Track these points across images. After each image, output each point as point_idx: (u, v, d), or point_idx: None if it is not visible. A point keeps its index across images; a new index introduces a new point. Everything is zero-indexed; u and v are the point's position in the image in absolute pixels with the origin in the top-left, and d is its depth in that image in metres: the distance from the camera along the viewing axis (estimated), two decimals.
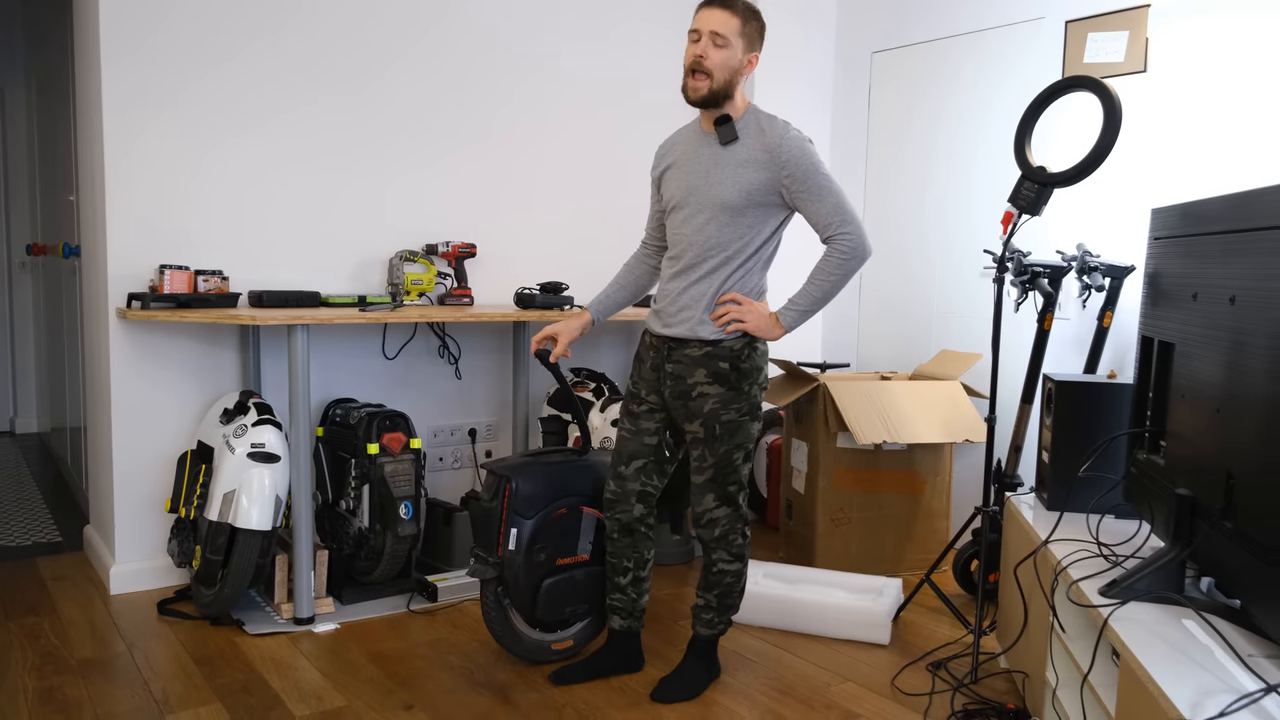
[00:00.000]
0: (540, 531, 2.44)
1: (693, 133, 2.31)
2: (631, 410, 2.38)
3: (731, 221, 2.20)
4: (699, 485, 2.32)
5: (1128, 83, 3.14)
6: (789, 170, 2.17)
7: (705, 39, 2.15)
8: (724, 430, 2.26)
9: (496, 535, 2.41)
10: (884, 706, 2.34)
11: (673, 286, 2.29)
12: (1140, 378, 2.06)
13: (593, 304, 2.48)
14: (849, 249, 2.19)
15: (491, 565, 2.42)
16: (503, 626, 2.47)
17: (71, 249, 3.95)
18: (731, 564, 2.35)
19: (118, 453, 2.97)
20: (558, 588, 2.47)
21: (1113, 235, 3.22)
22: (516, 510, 2.41)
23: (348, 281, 3.32)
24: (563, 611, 2.49)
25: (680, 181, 2.28)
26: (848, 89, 4.06)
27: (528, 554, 2.43)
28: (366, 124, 3.31)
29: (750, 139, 2.20)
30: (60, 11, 4.08)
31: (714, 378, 2.25)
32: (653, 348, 2.35)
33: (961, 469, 3.68)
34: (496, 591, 2.45)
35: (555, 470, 2.49)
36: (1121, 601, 1.78)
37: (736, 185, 2.19)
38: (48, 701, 2.26)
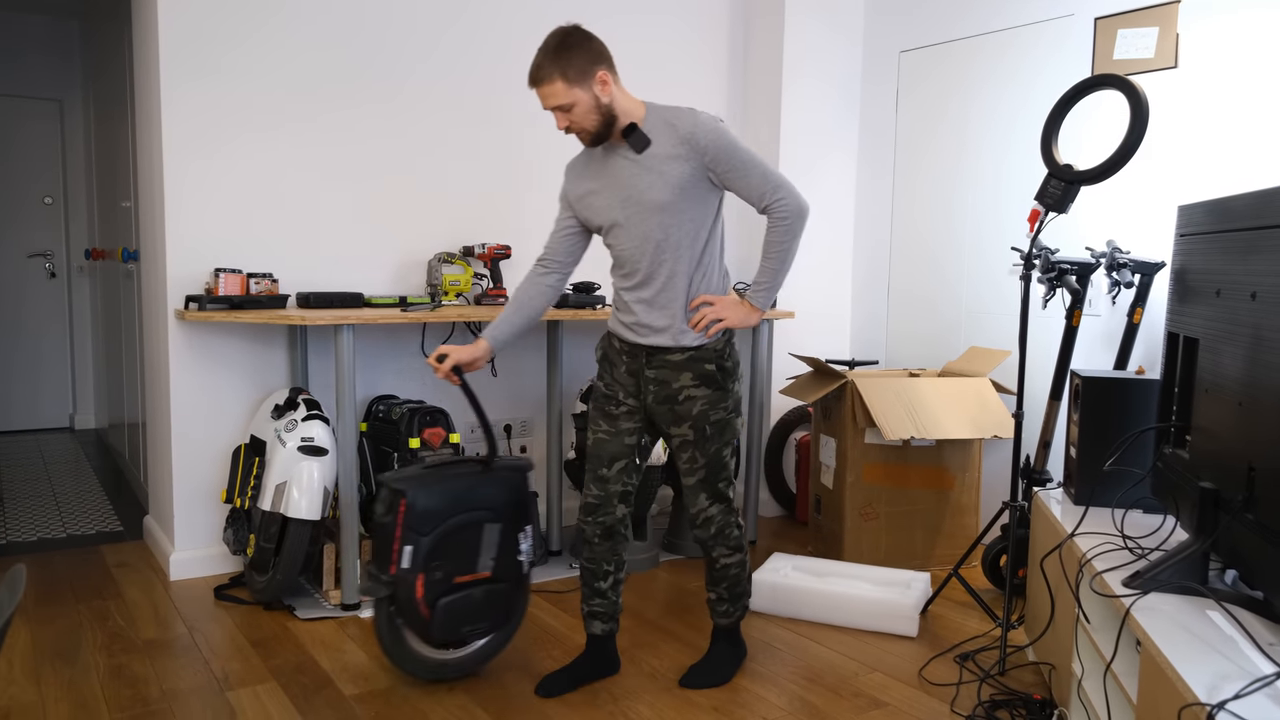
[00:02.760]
0: (437, 548, 2.29)
1: (604, 152, 2.27)
2: (609, 412, 2.34)
3: (672, 220, 2.19)
4: (691, 486, 2.33)
5: (1158, 79, 3.15)
6: (710, 154, 2.16)
7: (555, 114, 2.16)
8: (714, 430, 2.29)
9: (389, 553, 2.26)
10: (911, 696, 2.39)
11: (637, 297, 2.26)
12: (1167, 373, 2.09)
13: (489, 332, 2.32)
14: (788, 212, 2.21)
15: (384, 584, 2.27)
16: (394, 645, 2.33)
17: (130, 253, 4.11)
18: (732, 556, 2.39)
19: (176, 446, 3.11)
20: (455, 607, 2.32)
21: (1144, 232, 3.23)
22: (411, 526, 2.26)
23: (389, 283, 3.44)
24: (459, 631, 2.35)
25: (609, 201, 2.25)
26: (875, 89, 4.10)
27: (424, 572, 2.29)
28: (406, 133, 3.42)
29: (662, 136, 2.18)
30: (119, 28, 4.26)
31: (701, 380, 2.26)
32: (626, 353, 2.32)
33: (990, 465, 3.70)
34: (389, 611, 2.31)
35: (456, 484, 2.33)
36: (1144, 592, 1.82)
37: (666, 183, 2.17)
38: (117, 677, 2.40)
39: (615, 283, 2.33)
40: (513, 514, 2.41)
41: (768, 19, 4.04)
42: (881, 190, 4.11)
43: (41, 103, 5.57)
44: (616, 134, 2.21)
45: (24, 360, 5.67)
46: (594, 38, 2.15)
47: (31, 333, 5.68)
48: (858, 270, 4.23)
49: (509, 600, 2.43)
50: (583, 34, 2.14)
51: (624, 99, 2.20)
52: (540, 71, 2.12)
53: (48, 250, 5.67)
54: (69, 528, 3.70)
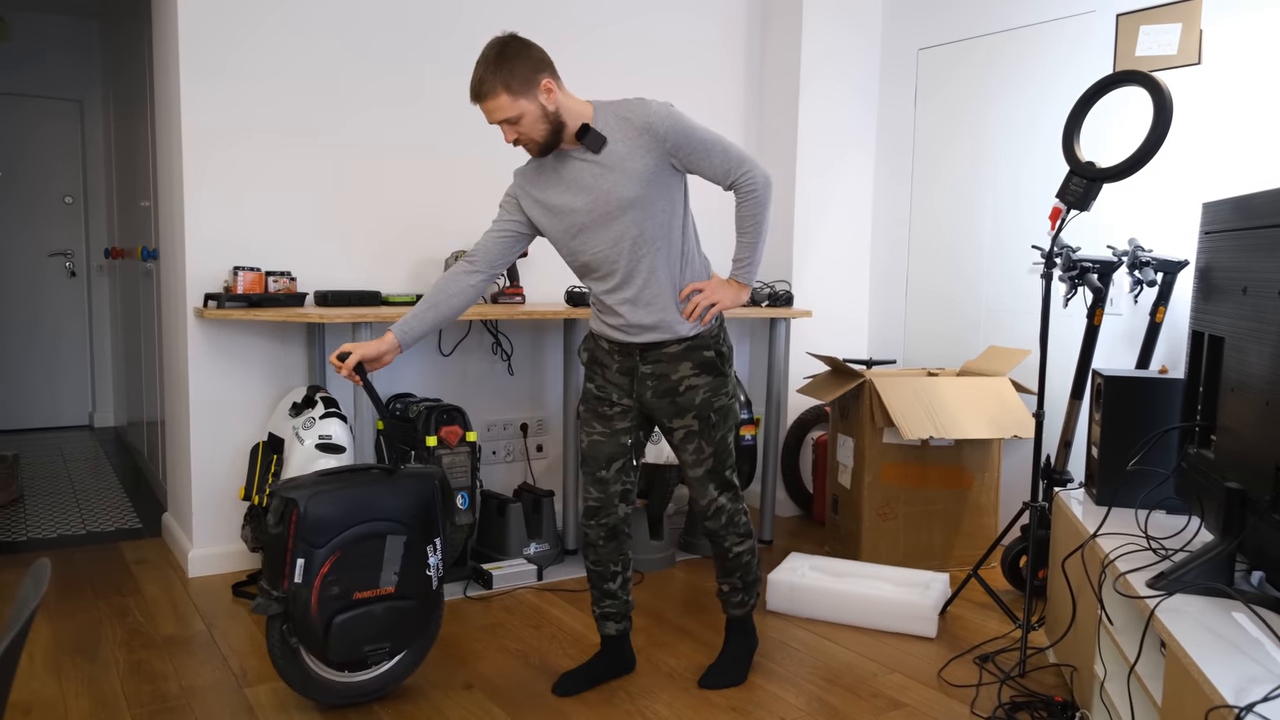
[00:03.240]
0: (336, 562, 2.14)
1: (556, 159, 2.19)
2: (602, 413, 2.31)
3: (645, 214, 2.15)
4: (699, 478, 2.32)
5: (1181, 76, 3.12)
6: (671, 140, 2.12)
7: (501, 127, 2.11)
8: (719, 417, 2.29)
9: (283, 567, 2.11)
10: (930, 697, 2.38)
11: (618, 299, 2.21)
12: (1191, 372, 2.07)
13: (398, 327, 2.21)
14: (754, 185, 2.19)
15: (276, 600, 2.12)
16: (290, 667, 2.18)
17: (149, 252, 4.14)
18: (743, 543, 2.40)
19: (195, 444, 3.13)
20: (352, 624, 2.16)
21: (1166, 230, 3.20)
22: (304, 537, 2.10)
23: (406, 281, 3.45)
24: (359, 651, 2.18)
25: (571, 207, 2.18)
26: (893, 87, 4.08)
27: (322, 588, 2.13)
28: (423, 132, 3.43)
29: (617, 131, 2.13)
30: (138, 27, 4.28)
31: (701, 368, 2.25)
32: (617, 353, 2.29)
33: (1010, 465, 3.68)
34: (282, 629, 2.16)
35: (355, 493, 2.17)
36: (1169, 593, 1.80)
37: (631, 178, 2.13)
38: (137, 673, 2.42)
39: (591, 287, 2.27)
40: (420, 525, 2.25)
41: (785, 19, 4.02)
42: (899, 189, 4.09)
43: (62, 103, 5.62)
44: (569, 138, 2.14)
45: (44, 359, 5.72)
46: (533, 45, 2.09)
47: (51, 331, 5.73)
48: (875, 269, 4.21)
49: (416, 618, 2.25)
50: (521, 42, 2.08)
51: (570, 102, 2.13)
52: (483, 86, 2.06)
53: (68, 249, 5.72)
54: (89, 525, 3.73)
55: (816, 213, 4.05)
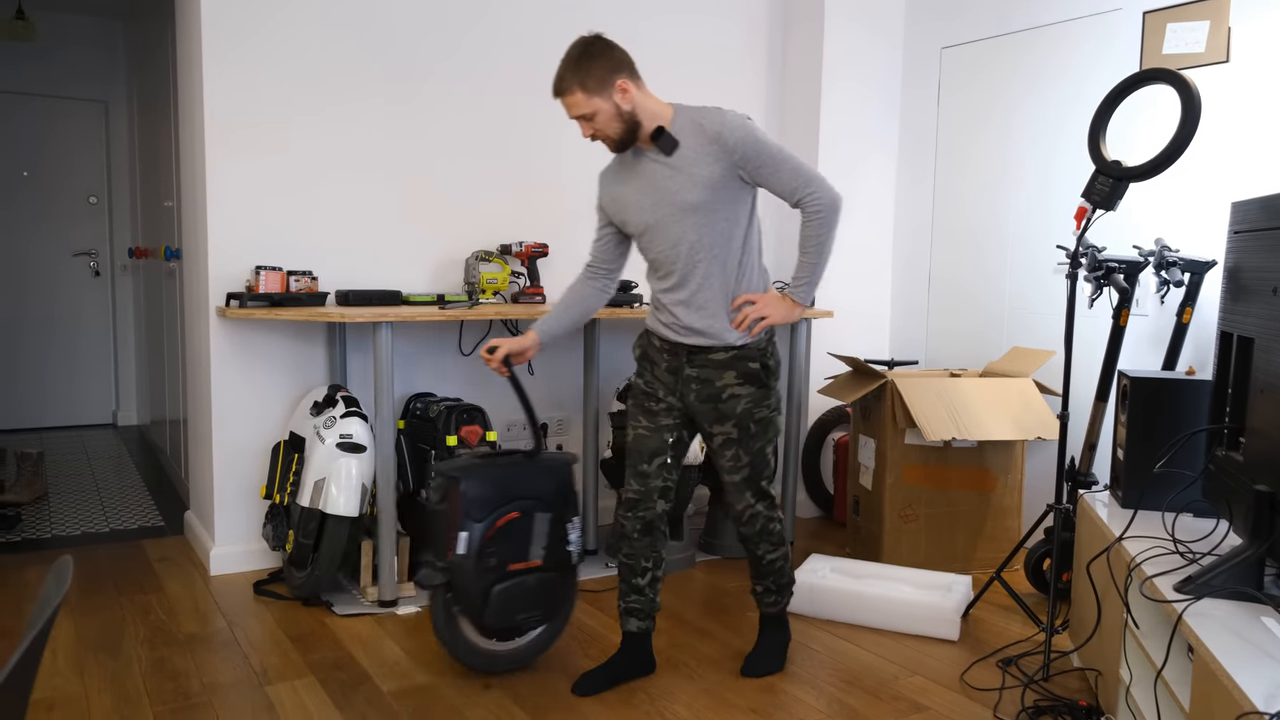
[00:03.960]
0: (491, 535, 2.34)
1: (634, 155, 2.28)
2: (648, 408, 2.36)
3: (706, 221, 2.20)
4: (736, 484, 2.35)
5: (1209, 74, 3.08)
6: (740, 152, 2.16)
7: (578, 123, 2.18)
8: (758, 428, 2.31)
9: (445, 539, 2.31)
10: (953, 700, 2.36)
11: (673, 299, 2.27)
12: (1219, 373, 2.04)
13: (538, 325, 2.37)
14: (821, 205, 2.20)
15: (440, 570, 2.31)
16: (450, 635, 2.36)
17: (172, 252, 4.18)
18: (776, 550, 2.43)
19: (217, 442, 3.15)
20: (509, 593, 2.36)
21: (1193, 230, 3.16)
22: (467, 513, 2.30)
23: (427, 281, 3.46)
24: (513, 618, 2.38)
25: (640, 204, 2.25)
26: (916, 86, 4.05)
27: (478, 558, 2.32)
28: (445, 132, 3.44)
29: (690, 137, 2.19)
30: (162, 28, 4.32)
31: (745, 379, 2.27)
32: (666, 351, 2.33)
33: (1034, 466, 3.64)
34: (445, 598, 2.35)
35: (507, 473, 2.38)
36: (1196, 597, 1.77)
37: (696, 184, 2.18)
38: (159, 670, 2.44)
39: (651, 284, 2.34)
40: (560, 504, 2.45)
41: (807, 24, 4.00)
42: (922, 190, 4.06)
43: (87, 103, 5.68)
44: (644, 138, 2.22)
45: (68, 357, 5.78)
46: (614, 47, 2.17)
47: (76, 330, 5.79)
48: (897, 269, 4.19)
49: (560, 590, 2.46)
50: (603, 44, 2.16)
51: (649, 103, 2.20)
52: (561, 83, 2.16)
53: (92, 249, 5.78)
54: (112, 522, 3.76)
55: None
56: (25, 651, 0.77)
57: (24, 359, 5.66)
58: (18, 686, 0.78)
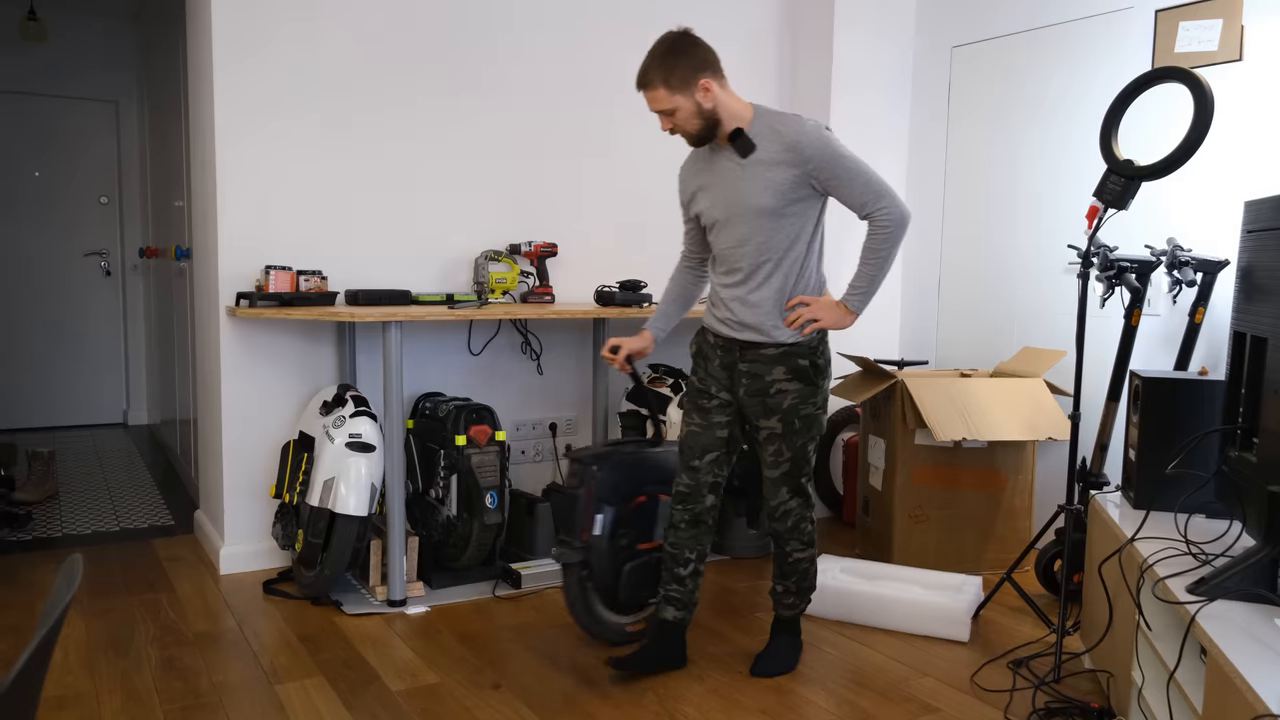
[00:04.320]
0: (622, 517, 2.57)
1: (711, 151, 2.36)
2: (701, 405, 2.43)
3: (773, 224, 2.26)
4: (774, 479, 2.40)
5: (1222, 72, 3.06)
6: (814, 162, 2.21)
7: (659, 117, 2.28)
8: (802, 424, 2.35)
9: (582, 520, 2.51)
10: (963, 702, 2.35)
11: (731, 294, 2.34)
12: (1232, 374, 2.02)
13: (651, 325, 2.55)
14: (889, 221, 2.23)
15: (577, 549, 2.52)
16: (584, 610, 2.57)
17: (183, 252, 4.19)
18: (804, 551, 2.46)
19: (226, 442, 3.16)
20: (639, 571, 2.59)
21: (1206, 229, 3.14)
22: (601, 497, 2.52)
23: (436, 281, 3.46)
24: (642, 594, 2.61)
25: (714, 200, 2.33)
26: (927, 84, 4.03)
27: (611, 538, 2.55)
28: (454, 132, 3.44)
29: (767, 141, 2.24)
30: (174, 29, 4.34)
31: (794, 375, 2.33)
32: (720, 347, 2.40)
33: (1045, 467, 3.62)
34: (580, 575, 2.55)
35: (635, 459, 2.60)
36: (1209, 599, 1.76)
37: (768, 188, 2.24)
38: (169, 669, 2.44)
39: (714, 278, 2.41)
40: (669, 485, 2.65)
41: (817, 23, 3.99)
42: (932, 188, 4.05)
43: (97, 103, 5.70)
44: (722, 136, 2.28)
45: (80, 357, 5.81)
46: (700, 44, 2.22)
47: (87, 330, 5.82)
48: (908, 269, 4.17)
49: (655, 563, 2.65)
50: (690, 40, 2.22)
51: (731, 102, 2.26)
52: (645, 78, 2.23)
53: (103, 249, 5.81)
54: (122, 521, 3.77)
55: (847, 212, 4.01)
56: (35, 649, 0.77)
57: (36, 358, 5.68)
58: (28, 684, 0.78)
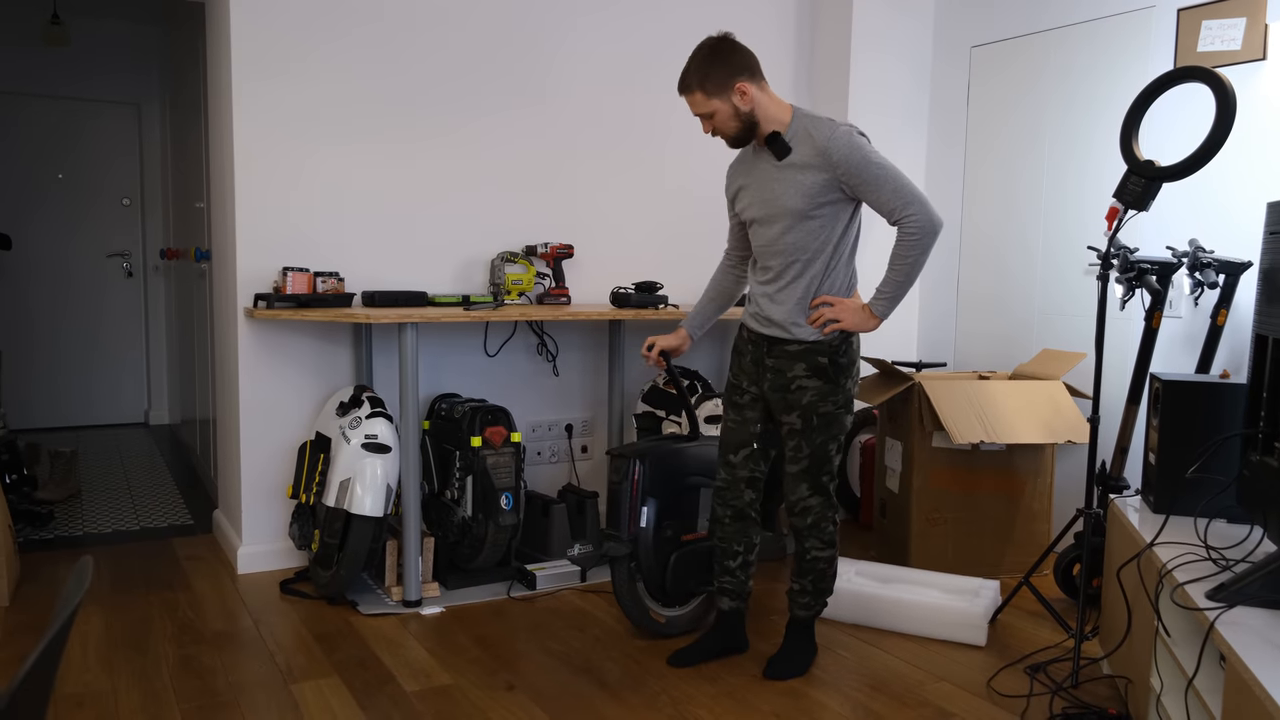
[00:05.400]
0: (667, 509, 2.63)
1: (753, 152, 2.42)
2: (735, 401, 2.49)
3: (803, 225, 2.30)
4: (794, 475, 2.42)
5: (1245, 72, 3.02)
6: (843, 167, 2.24)
7: (700, 119, 2.32)
8: (820, 421, 2.37)
9: (629, 514, 2.57)
10: (979, 707, 2.33)
11: (763, 290, 2.41)
12: (1254, 377, 2.00)
13: (687, 323, 2.60)
14: (918, 228, 2.25)
15: (624, 542, 2.57)
16: (633, 601, 2.61)
17: (202, 253, 4.23)
18: (824, 550, 2.47)
19: (244, 442, 3.18)
20: (685, 561, 2.65)
21: (1228, 230, 3.10)
22: (647, 490, 2.58)
23: (452, 282, 3.47)
24: (689, 584, 2.67)
25: (753, 199, 2.39)
26: (946, 85, 4.01)
27: (657, 530, 2.61)
28: (469, 134, 3.45)
29: (801, 145, 2.29)
30: (195, 33, 4.38)
31: (813, 372, 2.36)
32: (751, 342, 2.46)
33: (1064, 470, 3.59)
34: (630, 567, 2.60)
35: (676, 453, 2.66)
36: (1229, 605, 1.74)
37: (799, 191, 2.28)
38: (186, 667, 2.46)
39: (750, 275, 2.49)
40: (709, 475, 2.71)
41: (835, 23, 3.98)
42: (951, 189, 4.02)
43: (120, 106, 5.76)
44: (760, 138, 2.34)
45: (102, 357, 5.87)
46: (739, 49, 2.28)
47: (109, 330, 5.88)
48: (926, 270, 4.15)
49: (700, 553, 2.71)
50: (729, 46, 2.27)
51: (769, 105, 2.31)
52: (684, 82, 2.30)
53: (125, 250, 5.86)
54: (142, 520, 3.81)
55: (865, 212, 3.99)
56: (45, 648, 0.78)
57: (59, 359, 5.75)
58: (38, 683, 0.79)
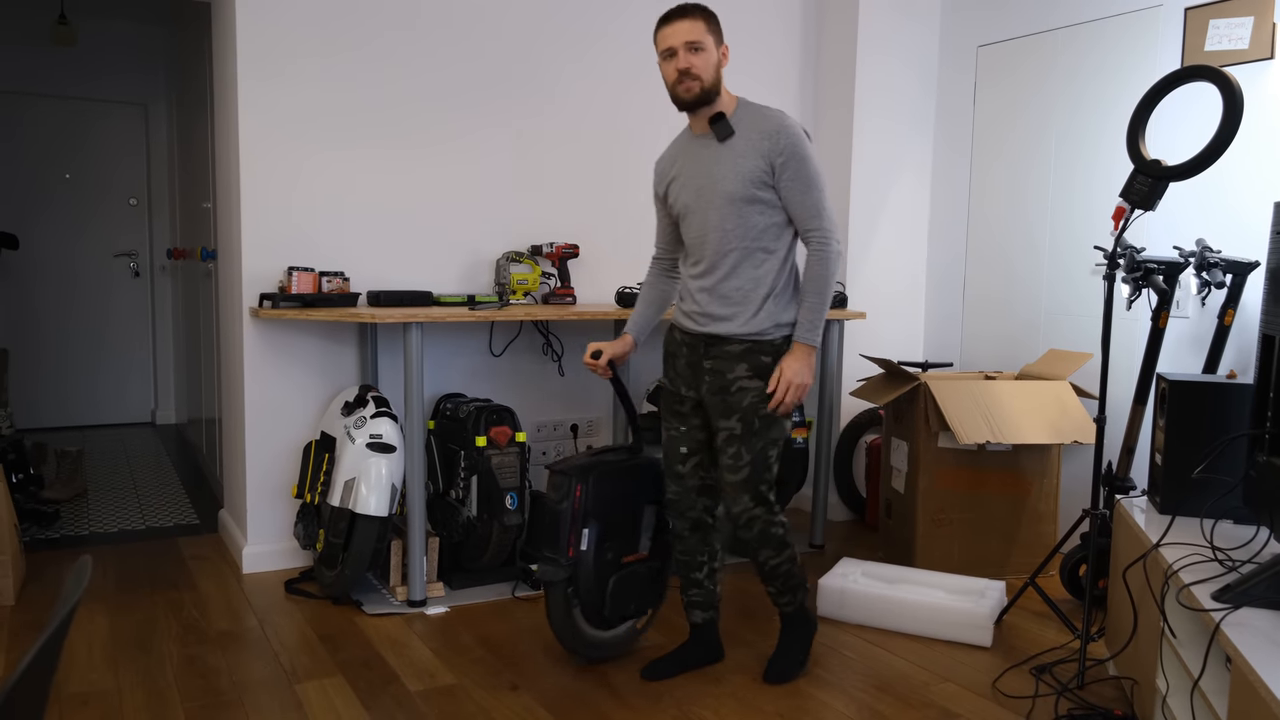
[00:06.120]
0: (608, 529, 2.46)
1: (687, 140, 2.35)
2: (674, 409, 2.40)
3: (741, 212, 2.23)
4: (735, 484, 2.31)
5: (1252, 71, 3.01)
6: (785, 156, 2.20)
7: (682, 50, 2.20)
8: (762, 425, 2.27)
9: (568, 536, 2.39)
10: (984, 708, 2.32)
11: (700, 285, 2.31)
12: (1261, 377, 1.99)
13: (630, 327, 2.49)
14: (826, 246, 2.23)
15: (563, 566, 2.39)
16: (567, 627, 2.44)
17: (208, 253, 4.24)
18: (781, 555, 2.38)
19: (250, 442, 3.19)
20: (624, 584, 2.48)
21: (1235, 230, 3.08)
22: (588, 511, 2.40)
23: (457, 282, 3.47)
24: (629, 608, 2.51)
25: (686, 185, 2.31)
26: (952, 85, 4.00)
27: (598, 553, 2.43)
28: (474, 135, 3.45)
29: (746, 129, 2.24)
30: (201, 33, 4.39)
31: (755, 372, 2.27)
32: (686, 345, 2.36)
33: (1070, 471, 3.58)
34: (566, 592, 2.42)
35: (618, 469, 2.48)
36: (1235, 606, 1.73)
37: (739, 174, 2.22)
38: (190, 667, 2.47)
39: (683, 270, 2.38)
40: (661, 496, 2.55)
41: (841, 27, 3.97)
42: (957, 189, 4.01)
43: (126, 106, 5.78)
44: (707, 113, 2.26)
45: (109, 357, 5.89)
46: None
47: (116, 330, 5.90)
48: (932, 270, 4.14)
49: (661, 577, 2.58)
50: None
51: (724, 86, 2.28)
52: (687, 9, 2.23)
53: (132, 250, 5.88)
54: (148, 520, 3.82)
55: (871, 213, 3.99)
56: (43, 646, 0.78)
57: (65, 358, 5.77)
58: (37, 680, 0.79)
